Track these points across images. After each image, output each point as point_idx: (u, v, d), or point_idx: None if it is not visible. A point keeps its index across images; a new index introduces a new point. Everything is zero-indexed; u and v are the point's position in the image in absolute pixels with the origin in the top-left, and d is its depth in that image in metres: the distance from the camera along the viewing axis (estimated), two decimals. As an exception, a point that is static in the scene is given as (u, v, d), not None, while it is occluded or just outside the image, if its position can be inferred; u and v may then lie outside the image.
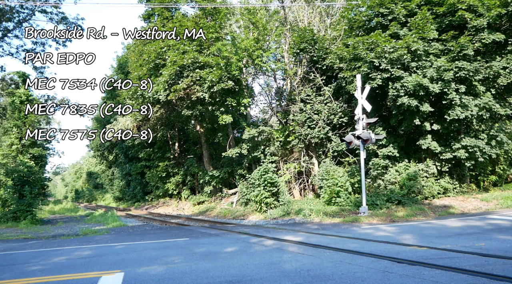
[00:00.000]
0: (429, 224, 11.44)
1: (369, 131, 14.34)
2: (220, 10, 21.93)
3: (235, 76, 19.84)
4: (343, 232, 10.58)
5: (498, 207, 14.64)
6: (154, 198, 35.94)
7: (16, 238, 13.36)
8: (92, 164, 70.55)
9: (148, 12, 26.32)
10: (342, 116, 19.46)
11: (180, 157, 31.95)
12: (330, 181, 16.80)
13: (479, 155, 16.02)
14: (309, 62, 21.11)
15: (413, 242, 8.15)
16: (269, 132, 21.75)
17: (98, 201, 61.77)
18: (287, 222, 14.67)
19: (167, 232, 13.59)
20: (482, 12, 15.53)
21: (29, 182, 20.06)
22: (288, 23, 22.88)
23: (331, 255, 7.13)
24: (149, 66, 21.64)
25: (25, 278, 6.33)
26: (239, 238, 10.32)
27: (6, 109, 30.48)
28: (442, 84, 15.16)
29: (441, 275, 5.26)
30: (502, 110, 16.49)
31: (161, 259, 7.49)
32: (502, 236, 8.39)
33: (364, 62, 16.19)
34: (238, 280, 5.51)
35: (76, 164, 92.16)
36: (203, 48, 20.61)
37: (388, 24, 16.79)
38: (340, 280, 5.27)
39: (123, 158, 41.75)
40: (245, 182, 21.17)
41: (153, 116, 24.59)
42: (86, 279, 6.11)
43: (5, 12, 23.19)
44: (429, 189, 16.38)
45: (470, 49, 15.26)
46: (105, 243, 10.78)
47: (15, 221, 19.03)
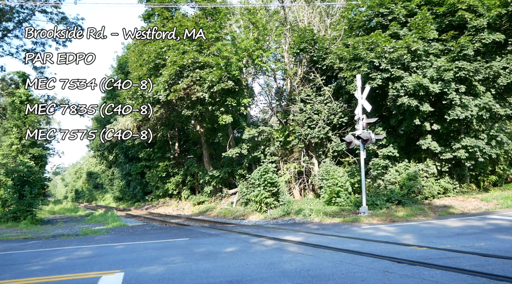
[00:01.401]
0: (429, 224, 11.44)
1: (369, 131, 14.34)
2: (220, 10, 21.92)
3: (235, 76, 19.85)
4: (343, 232, 10.58)
5: (498, 207, 14.64)
6: (154, 198, 35.94)
7: (16, 238, 13.37)
8: (92, 164, 70.57)
9: (148, 12, 26.34)
10: (342, 116, 19.46)
11: (180, 157, 31.96)
12: (330, 181, 16.81)
13: (479, 155, 16.02)
14: (309, 62, 21.11)
15: (413, 242, 8.15)
16: (269, 132, 21.76)
17: (98, 201, 61.77)
18: (287, 222, 14.67)
19: (167, 232, 13.59)
20: (482, 12, 15.53)
21: (29, 182, 20.06)
22: (288, 23, 22.88)
23: (331, 255, 7.12)
24: (149, 66, 21.65)
25: (25, 278, 6.33)
26: (239, 238, 10.32)
27: (6, 109, 30.45)
28: (442, 84, 15.16)
29: (441, 275, 5.26)
30: (502, 110, 16.48)
31: (161, 259, 7.49)
32: (502, 236, 8.39)
33: (364, 62, 16.19)
34: (238, 280, 5.51)
35: (76, 164, 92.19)
36: (203, 48, 20.62)
37: (388, 24, 16.79)
38: (340, 280, 5.27)
39: (123, 158, 41.76)
40: (245, 182, 21.18)
41: (153, 116, 24.59)
42: (86, 279, 6.11)
43: (5, 12, 23.18)
44: (429, 189, 16.38)
45: (470, 49, 15.26)
46: (105, 243, 10.78)
47: (15, 221, 19.04)
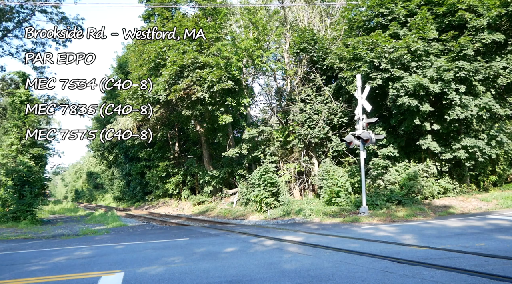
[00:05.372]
0: (429, 224, 11.43)
1: (369, 131, 14.33)
2: (220, 10, 21.92)
3: (235, 76, 19.85)
4: (343, 232, 10.57)
5: (498, 207, 14.63)
6: (154, 198, 35.94)
7: (16, 238, 13.37)
8: (92, 164, 70.60)
9: (148, 12, 26.34)
10: (342, 116, 19.45)
11: (180, 157, 31.95)
12: (330, 181, 16.80)
13: (479, 155, 16.01)
14: (309, 62, 21.10)
15: (413, 242, 8.15)
16: (269, 132, 21.75)
17: (98, 201, 61.77)
18: (287, 222, 14.67)
19: (167, 232, 13.59)
20: (482, 12, 15.53)
21: (29, 182, 20.06)
22: (288, 23, 22.88)
23: (331, 255, 7.12)
24: (149, 66, 21.64)
25: (25, 278, 6.33)
26: (239, 238, 10.32)
27: (6, 109, 30.46)
28: (442, 84, 15.16)
29: (441, 275, 5.26)
30: (502, 110, 16.48)
31: (161, 259, 7.49)
32: (502, 236, 8.39)
33: (364, 62, 16.19)
34: (238, 280, 5.51)
35: (76, 164, 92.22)
36: (203, 48, 20.61)
37: (388, 24, 16.79)
38: (340, 280, 5.26)
39: (123, 158, 41.75)
40: (245, 182, 21.18)
41: (153, 116, 24.58)
42: (86, 279, 6.11)
43: (5, 12, 23.17)
44: (429, 189, 16.37)
45: (470, 49, 15.26)
46: (105, 243, 10.78)
47: (15, 221, 19.03)
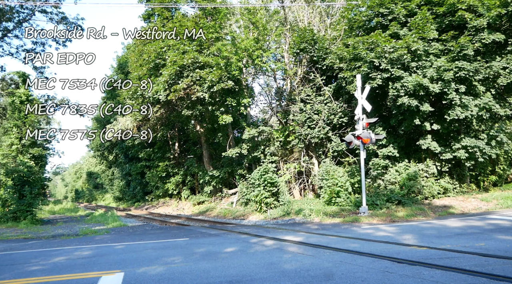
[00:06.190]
0: (429, 224, 11.44)
1: (369, 131, 14.33)
2: (220, 10, 21.92)
3: (235, 76, 19.84)
4: (343, 232, 10.57)
5: (498, 207, 14.63)
6: (154, 198, 35.95)
7: (16, 238, 13.37)
8: (92, 164, 70.59)
9: (148, 12, 26.33)
10: (342, 116, 19.45)
11: (180, 157, 31.95)
12: (330, 181, 16.80)
13: (479, 155, 16.01)
14: (309, 62, 21.10)
15: (413, 242, 8.15)
16: (269, 132, 21.75)
17: (98, 201, 61.78)
18: (287, 222, 14.67)
19: (167, 232, 13.59)
20: (482, 12, 15.53)
21: (29, 182, 20.06)
22: (288, 23, 22.88)
23: (331, 255, 7.12)
24: (149, 66, 21.64)
25: (25, 278, 6.33)
26: (239, 238, 10.32)
27: (6, 109, 30.45)
28: (442, 84, 15.16)
29: (441, 275, 5.26)
30: (502, 110, 16.48)
31: (161, 259, 7.49)
32: (502, 236, 8.39)
33: (364, 62, 16.19)
34: (238, 280, 5.51)
35: (76, 164, 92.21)
36: (203, 48, 20.61)
37: (388, 24, 16.79)
38: (340, 280, 5.26)
39: (123, 158, 41.75)
40: (245, 182, 21.18)
41: (153, 116, 24.58)
42: (86, 279, 6.11)
43: (5, 12, 23.16)
44: (429, 189, 16.37)
45: (470, 49, 15.26)
46: (105, 243, 10.78)
47: (15, 221, 19.04)
